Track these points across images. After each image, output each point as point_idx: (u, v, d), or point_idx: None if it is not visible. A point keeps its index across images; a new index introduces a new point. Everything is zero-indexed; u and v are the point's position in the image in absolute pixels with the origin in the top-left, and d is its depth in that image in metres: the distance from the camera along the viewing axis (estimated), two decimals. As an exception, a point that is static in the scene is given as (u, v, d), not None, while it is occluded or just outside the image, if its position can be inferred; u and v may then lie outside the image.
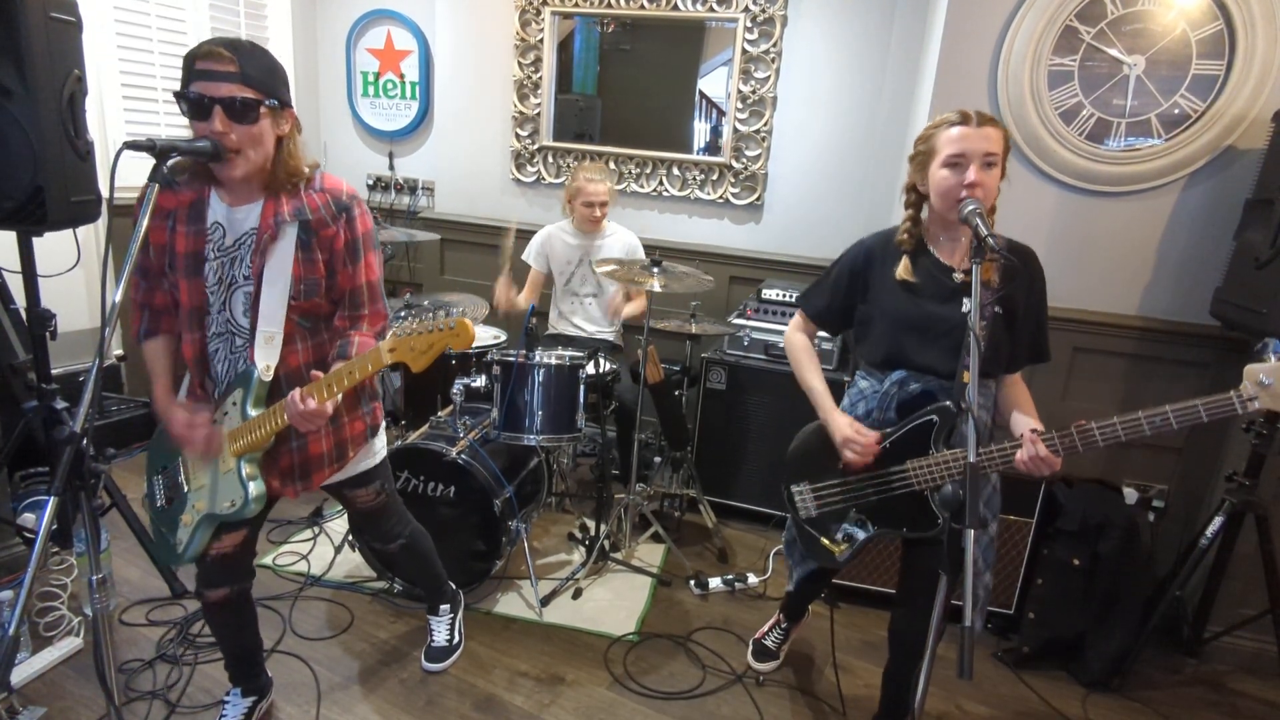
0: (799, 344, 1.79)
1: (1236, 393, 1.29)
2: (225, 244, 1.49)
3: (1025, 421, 1.57)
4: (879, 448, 1.59)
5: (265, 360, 1.50)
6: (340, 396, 1.50)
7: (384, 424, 1.81)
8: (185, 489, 1.59)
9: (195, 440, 1.52)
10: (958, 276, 1.56)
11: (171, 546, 1.61)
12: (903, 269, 1.59)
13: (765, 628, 2.27)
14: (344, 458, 1.68)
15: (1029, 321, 1.59)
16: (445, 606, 2.21)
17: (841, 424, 1.63)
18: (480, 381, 2.58)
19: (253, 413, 1.50)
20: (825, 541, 1.71)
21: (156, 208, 1.47)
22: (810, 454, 1.72)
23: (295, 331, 1.54)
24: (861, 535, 1.67)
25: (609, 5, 3.38)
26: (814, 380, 1.73)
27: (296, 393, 1.44)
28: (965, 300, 1.54)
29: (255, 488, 1.52)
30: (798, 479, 1.74)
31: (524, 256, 3.20)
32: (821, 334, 1.84)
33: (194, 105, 1.34)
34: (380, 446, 1.80)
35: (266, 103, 1.38)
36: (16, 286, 2.17)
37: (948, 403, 1.53)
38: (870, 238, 1.69)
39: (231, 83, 1.33)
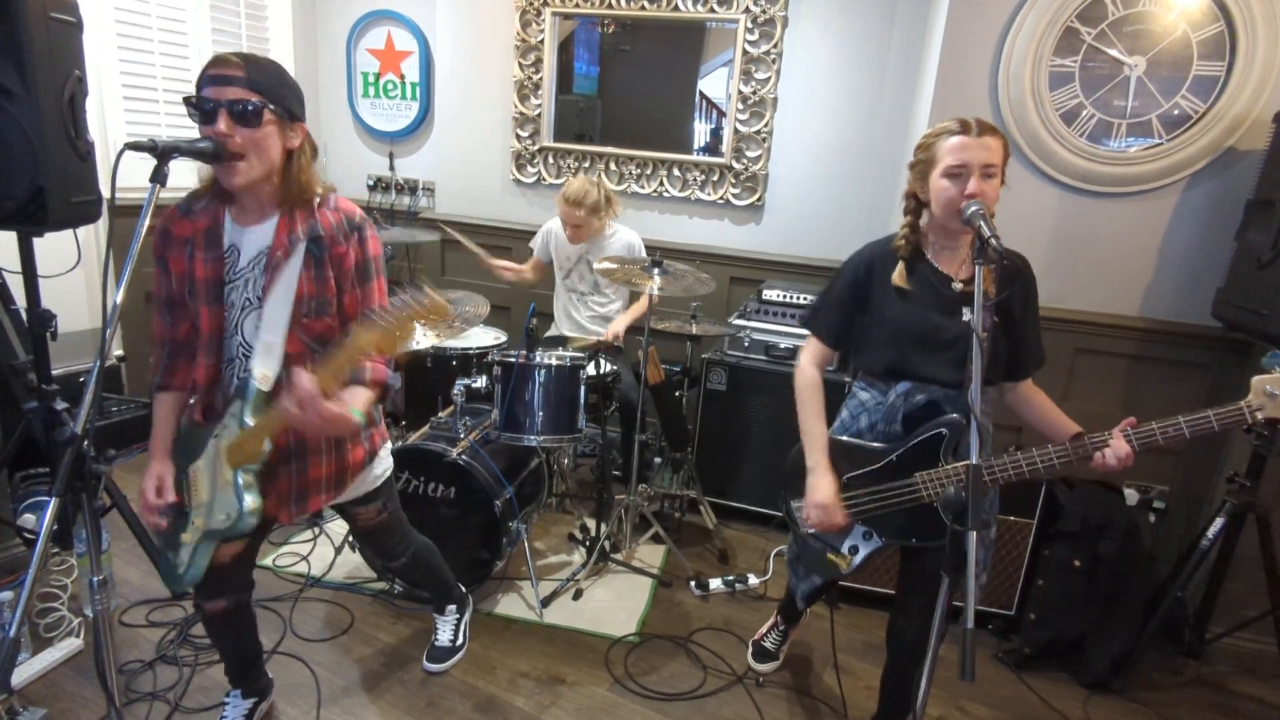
0: (809, 381, 1.71)
1: (1246, 403, 1.33)
2: (239, 266, 1.49)
3: (1064, 426, 1.57)
4: (843, 525, 1.62)
5: (263, 369, 1.48)
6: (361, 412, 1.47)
7: (387, 446, 1.79)
8: (186, 506, 1.57)
9: (152, 514, 1.51)
10: (957, 286, 1.56)
11: (173, 567, 1.58)
12: (898, 276, 1.58)
13: (764, 629, 2.27)
14: (342, 486, 1.67)
15: (1028, 327, 1.59)
16: (452, 607, 2.21)
17: (824, 488, 1.61)
18: (481, 382, 2.58)
19: (250, 422, 1.49)
20: (830, 556, 1.69)
21: (174, 237, 1.47)
22: None
23: (305, 353, 1.52)
24: (867, 547, 1.65)
25: (609, 6, 3.38)
26: (815, 425, 1.68)
27: (299, 373, 1.36)
28: (965, 310, 1.54)
29: (251, 500, 1.49)
30: (797, 493, 1.72)
31: (530, 244, 3.23)
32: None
33: (203, 110, 1.35)
34: (382, 469, 1.78)
35: (271, 108, 1.38)
36: (17, 287, 2.17)
37: (957, 415, 1.52)
38: (868, 247, 1.67)
39: (238, 87, 1.34)
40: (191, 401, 1.59)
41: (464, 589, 2.26)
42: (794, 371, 1.75)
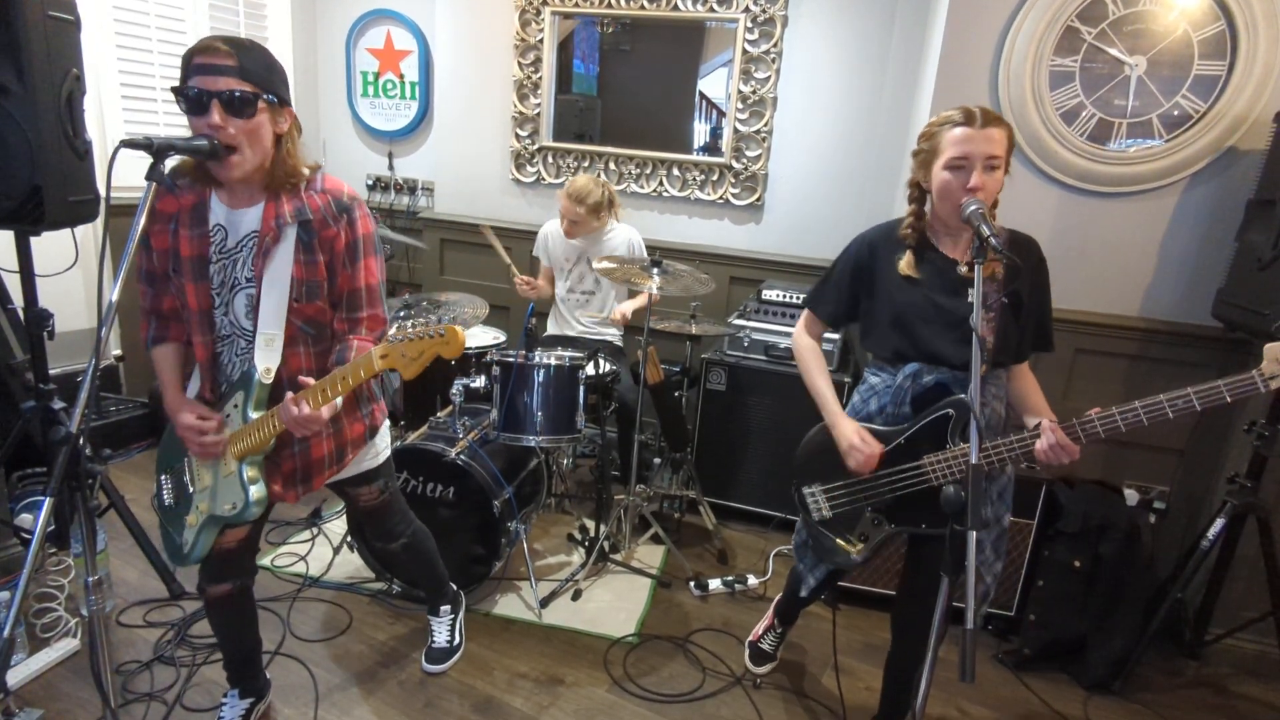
0: (806, 346, 1.78)
1: (1258, 371, 1.30)
2: (227, 246, 1.49)
3: (1042, 414, 1.56)
4: (881, 458, 1.59)
5: (265, 363, 1.49)
6: (339, 401, 1.49)
7: (386, 424, 1.81)
8: (190, 489, 1.59)
9: (202, 443, 1.51)
10: (962, 270, 1.56)
11: (178, 546, 1.61)
12: (906, 264, 1.59)
13: (759, 631, 2.25)
14: (343, 460, 1.68)
15: (1033, 310, 1.59)
16: (446, 607, 2.20)
17: (847, 431, 1.62)
18: (480, 382, 2.57)
19: (254, 415, 1.50)
20: (840, 542, 1.69)
21: (158, 212, 1.47)
22: (820, 454, 1.70)
23: (298, 335, 1.53)
24: (878, 534, 1.65)
25: (609, 5, 3.37)
26: (821, 384, 1.71)
27: (290, 398, 1.43)
28: (971, 292, 1.54)
29: (256, 491, 1.52)
30: (809, 480, 1.73)
31: (534, 253, 3.24)
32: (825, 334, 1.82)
33: (192, 101, 1.34)
34: (383, 446, 1.80)
35: (264, 97, 1.37)
36: (14, 286, 2.16)
37: (963, 396, 1.52)
38: (871, 231, 1.68)
39: (229, 77, 1.33)
40: (195, 380, 1.60)
41: (456, 588, 2.26)
42: (791, 343, 1.80)
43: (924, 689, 1.31)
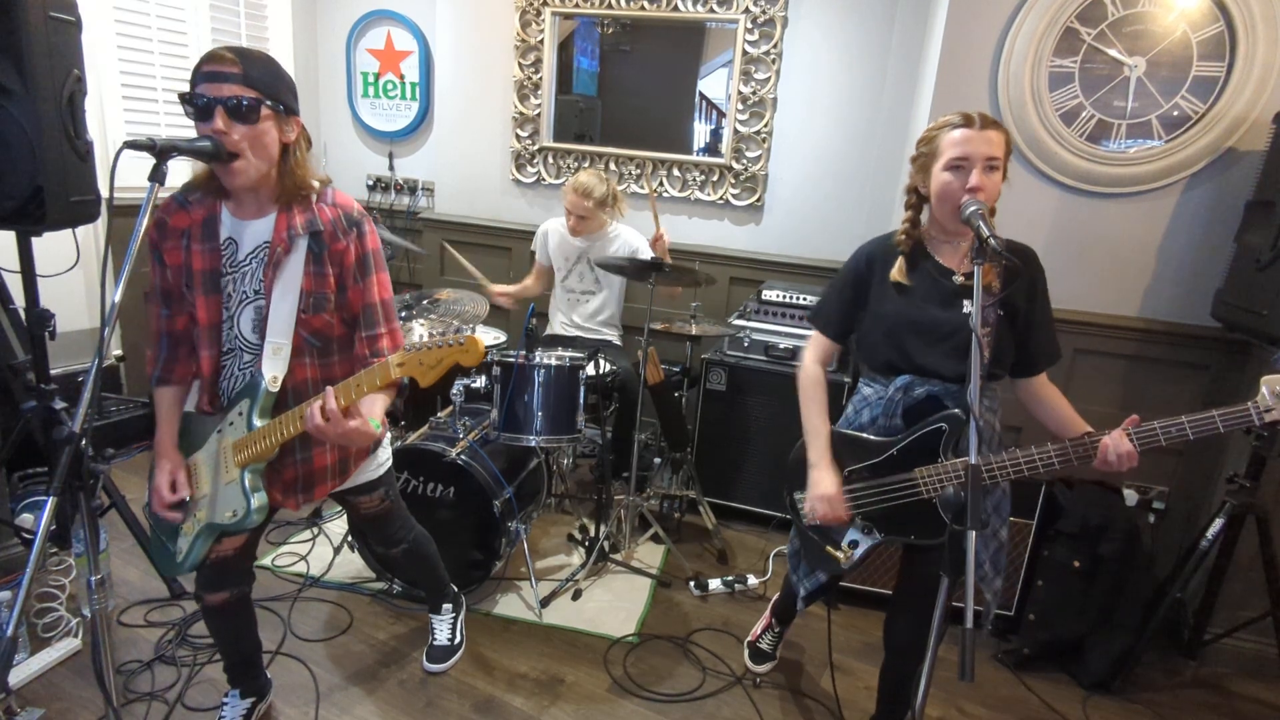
0: (813, 378, 1.72)
1: (1254, 403, 1.29)
2: (237, 259, 1.49)
3: (1074, 425, 1.55)
4: (846, 520, 1.62)
5: (273, 371, 1.50)
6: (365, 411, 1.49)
7: (388, 436, 1.81)
8: (188, 498, 1.59)
9: (167, 510, 1.54)
10: (958, 279, 1.56)
11: (171, 555, 1.60)
12: (897, 270, 1.58)
13: (758, 630, 2.26)
14: (346, 472, 1.69)
15: (1037, 322, 1.58)
16: (447, 605, 2.21)
17: (827, 481, 1.61)
18: (480, 382, 2.58)
19: (258, 423, 1.50)
20: (829, 549, 1.69)
21: (170, 228, 1.47)
22: None
23: (304, 347, 1.53)
24: (867, 542, 1.65)
25: (609, 6, 3.38)
26: (817, 422, 1.69)
27: (318, 400, 1.42)
28: (966, 303, 1.53)
29: (258, 499, 1.51)
30: (801, 486, 1.72)
31: (532, 247, 3.25)
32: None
33: (199, 108, 1.35)
34: (385, 457, 1.80)
35: (268, 104, 1.37)
36: (16, 286, 2.17)
37: (956, 410, 1.52)
38: (870, 243, 1.68)
39: (234, 83, 1.34)
40: (194, 391, 1.60)
41: (455, 588, 2.26)
42: (797, 368, 1.76)
43: (924, 689, 1.31)
